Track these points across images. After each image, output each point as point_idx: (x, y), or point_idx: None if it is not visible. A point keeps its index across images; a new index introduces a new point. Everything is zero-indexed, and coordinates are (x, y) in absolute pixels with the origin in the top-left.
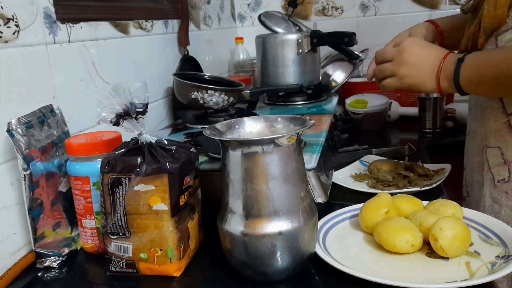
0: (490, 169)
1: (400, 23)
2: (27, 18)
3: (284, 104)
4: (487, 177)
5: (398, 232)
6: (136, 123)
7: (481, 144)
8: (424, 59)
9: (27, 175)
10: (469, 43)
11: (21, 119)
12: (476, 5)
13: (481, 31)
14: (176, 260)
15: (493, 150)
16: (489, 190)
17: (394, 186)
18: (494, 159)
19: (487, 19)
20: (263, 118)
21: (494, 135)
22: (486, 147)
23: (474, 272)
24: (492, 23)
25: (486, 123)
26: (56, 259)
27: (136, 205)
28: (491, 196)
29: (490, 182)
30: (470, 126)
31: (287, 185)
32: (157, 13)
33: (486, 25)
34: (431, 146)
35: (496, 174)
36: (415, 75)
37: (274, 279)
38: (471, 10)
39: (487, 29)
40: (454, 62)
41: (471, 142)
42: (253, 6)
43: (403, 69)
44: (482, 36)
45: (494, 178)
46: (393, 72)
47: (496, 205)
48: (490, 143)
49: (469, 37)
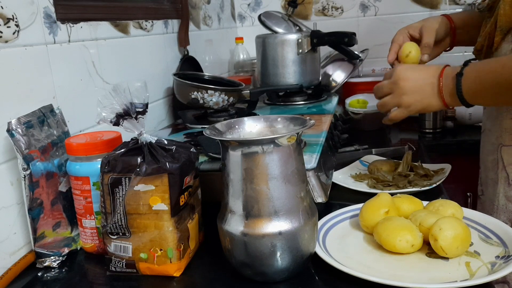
0: (505, 168)
1: (400, 23)
2: (27, 18)
3: (284, 104)
4: (502, 176)
5: (398, 232)
6: (136, 123)
7: (496, 142)
8: (422, 81)
9: (27, 175)
10: (485, 42)
11: (21, 119)
12: (492, 4)
13: (497, 30)
14: (176, 260)
15: (508, 148)
16: (503, 189)
17: (394, 186)
18: (509, 158)
19: (503, 18)
20: (263, 118)
21: (509, 133)
22: (501, 145)
23: (474, 272)
24: (508, 22)
25: (502, 121)
26: (56, 259)
27: (136, 205)
28: (505, 195)
29: (505, 181)
30: (485, 124)
31: (287, 185)
32: (157, 13)
33: (502, 24)
34: (431, 146)
35: (510, 172)
36: (419, 100)
37: (274, 279)
38: (487, 9)
39: (504, 28)
40: (453, 77)
41: (486, 140)
42: (253, 6)
43: (405, 98)
44: (499, 35)
45: (509, 177)
46: (396, 103)
47: (510, 204)
48: (505, 141)
49: (485, 36)
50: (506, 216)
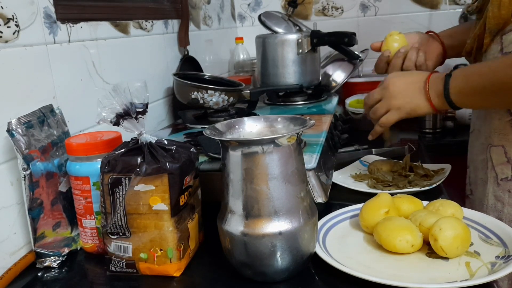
0: (494, 167)
1: (400, 23)
2: (27, 18)
3: (284, 104)
4: (491, 175)
5: (398, 232)
6: (136, 123)
7: (485, 142)
8: (409, 84)
9: (27, 175)
10: (474, 44)
11: (21, 119)
12: (481, 6)
13: (487, 32)
14: (176, 260)
15: (496, 148)
16: (492, 188)
17: (394, 186)
18: (498, 158)
19: (492, 19)
20: (263, 118)
21: (498, 134)
22: (490, 145)
23: (474, 272)
24: (497, 24)
25: (490, 121)
26: (56, 259)
27: (136, 205)
28: (494, 194)
29: (494, 180)
30: (474, 124)
31: (287, 185)
32: (157, 13)
33: (491, 25)
34: (431, 146)
35: (499, 172)
36: (408, 101)
37: (274, 279)
38: (476, 11)
39: (492, 30)
40: (441, 78)
41: (474, 140)
42: (253, 6)
43: (394, 101)
44: (488, 37)
45: (498, 176)
46: (387, 107)
47: (499, 203)
48: (494, 141)
49: (475, 38)
50: (496, 216)
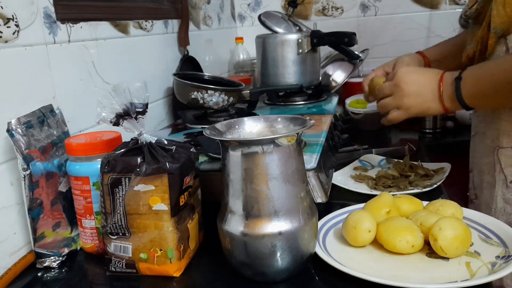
0: (503, 170)
1: (400, 23)
2: (27, 18)
3: (284, 104)
4: (499, 178)
5: (398, 232)
6: (136, 123)
7: (492, 144)
8: (423, 86)
9: (27, 175)
10: (477, 47)
11: (21, 119)
12: (481, 10)
13: (491, 32)
14: (176, 260)
15: (505, 150)
16: (501, 191)
17: (395, 187)
18: (507, 160)
19: (497, 18)
20: (263, 118)
21: (507, 135)
22: (498, 147)
23: (474, 272)
24: (502, 23)
25: (498, 123)
26: (56, 259)
27: (136, 205)
28: (504, 198)
29: (503, 183)
30: (476, 127)
31: (287, 185)
32: (157, 13)
33: (496, 25)
34: (431, 146)
35: (509, 174)
36: (419, 103)
37: (274, 279)
38: (475, 16)
39: (498, 30)
40: (452, 82)
41: (478, 143)
42: (253, 6)
43: (406, 100)
44: (493, 38)
45: (507, 179)
46: (397, 105)
47: (508, 206)
48: (502, 143)
49: (478, 41)
50: (505, 219)
